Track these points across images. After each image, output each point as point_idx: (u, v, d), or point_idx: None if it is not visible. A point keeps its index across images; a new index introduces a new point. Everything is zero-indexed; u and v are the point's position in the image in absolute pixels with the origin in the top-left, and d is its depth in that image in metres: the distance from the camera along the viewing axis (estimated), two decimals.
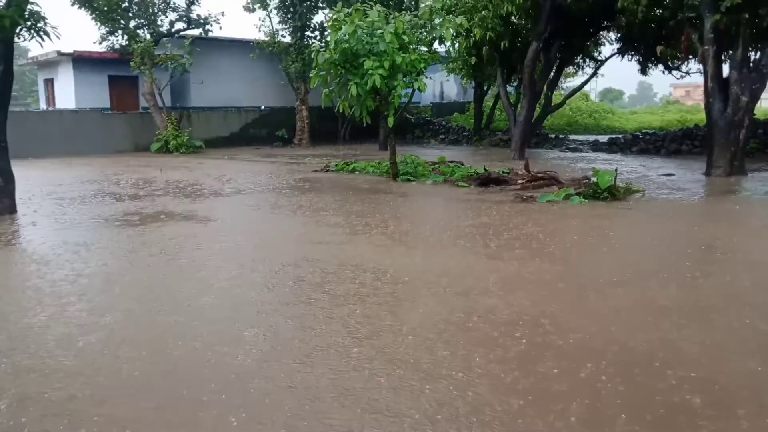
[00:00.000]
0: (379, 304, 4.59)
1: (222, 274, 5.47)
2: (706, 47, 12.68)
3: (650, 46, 18.28)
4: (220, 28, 22.33)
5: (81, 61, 22.65)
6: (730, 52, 12.78)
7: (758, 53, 12.84)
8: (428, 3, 14.41)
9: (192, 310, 4.48)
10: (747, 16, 11.94)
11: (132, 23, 20.70)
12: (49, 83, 25.26)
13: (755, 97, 12.65)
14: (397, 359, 3.54)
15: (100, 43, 21.17)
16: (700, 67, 13.46)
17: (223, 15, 22.16)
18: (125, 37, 20.66)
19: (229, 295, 4.86)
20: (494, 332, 3.99)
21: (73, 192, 11.06)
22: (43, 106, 26.27)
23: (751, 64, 12.61)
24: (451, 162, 14.38)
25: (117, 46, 21.03)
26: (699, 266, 5.75)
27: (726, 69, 12.89)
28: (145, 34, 20.85)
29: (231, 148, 22.29)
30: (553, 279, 5.26)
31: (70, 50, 22.38)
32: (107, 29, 20.63)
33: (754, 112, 13.24)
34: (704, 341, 3.84)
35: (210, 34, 22.12)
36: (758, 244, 6.86)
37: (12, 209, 8.58)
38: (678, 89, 67.44)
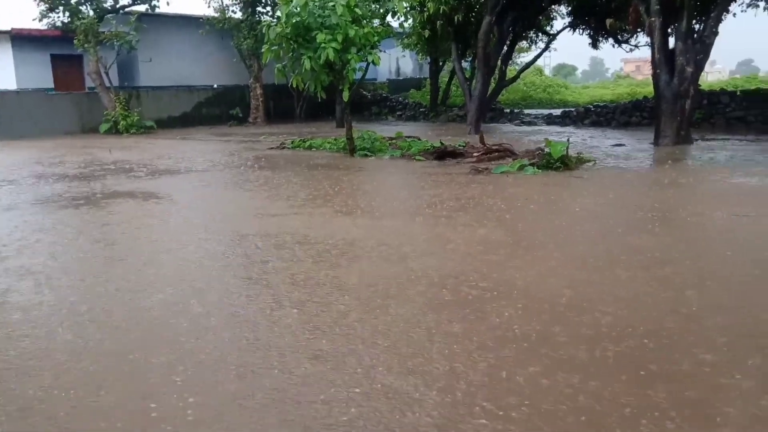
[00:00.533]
0: (319, 264, 4.68)
1: (170, 246, 5.37)
2: (652, 19, 12.95)
3: (600, 20, 18.60)
4: (168, 3, 21.88)
5: (20, 39, 21.65)
6: (676, 24, 13.10)
7: (702, 24, 13.21)
8: None
9: (138, 280, 4.39)
10: None
11: None
12: None
13: (699, 68, 13.03)
14: (327, 302, 3.63)
15: (41, 20, 20.19)
16: (648, 39, 13.77)
17: None
18: (67, 13, 19.78)
19: (175, 265, 4.77)
20: (420, 287, 4.12)
21: (13, 175, 10.62)
22: None
23: (695, 35, 12.97)
24: (408, 137, 14.40)
25: (59, 23, 20.12)
26: (634, 226, 5.95)
27: (672, 41, 13.23)
28: (87, 10, 20.01)
29: (184, 128, 21.77)
30: (495, 241, 5.35)
31: (7, 27, 21.33)
32: (47, 5, 19.68)
33: (699, 82, 13.65)
34: (615, 289, 4.00)
35: (157, 10, 21.36)
36: (696, 206, 7.13)
37: None
38: (629, 64, 68.93)
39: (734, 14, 15.86)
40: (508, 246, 5.30)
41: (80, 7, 19.88)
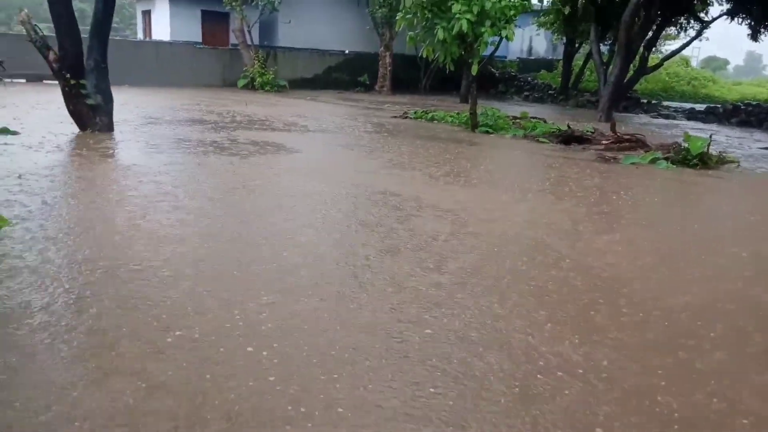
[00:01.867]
0: (398, 216, 4.72)
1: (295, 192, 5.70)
2: None
3: (765, 8, 16.78)
4: None
5: None
6: None
7: None
8: None
9: (265, 220, 4.72)
10: None
11: None
12: (147, 15, 26.23)
13: None
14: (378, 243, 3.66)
15: None
16: None
17: None
18: None
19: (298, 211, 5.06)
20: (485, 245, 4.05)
21: (165, 117, 11.63)
22: (140, 36, 27.39)
23: None
24: (533, 118, 14.01)
25: None
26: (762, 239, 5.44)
27: None
28: None
29: (313, 90, 22.58)
30: (596, 227, 5.13)
31: None
32: None
33: None
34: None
35: None
36: None
37: (110, 127, 9.15)
38: None
39: None
40: (626, 246, 5.08)
41: None
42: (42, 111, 11.36)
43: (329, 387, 2.44)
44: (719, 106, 19.85)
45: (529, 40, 31.52)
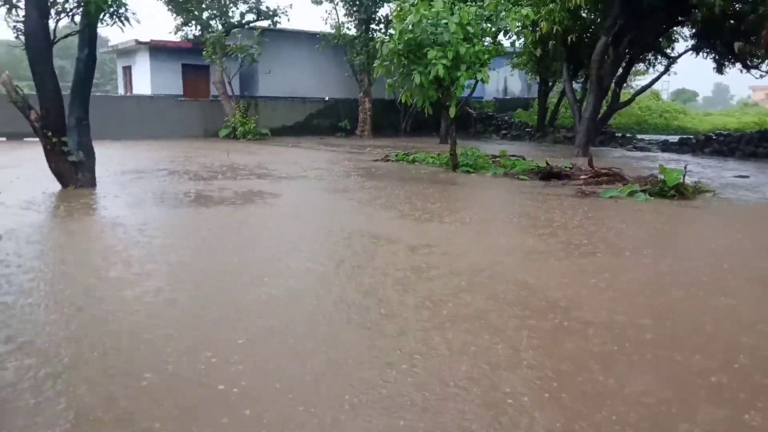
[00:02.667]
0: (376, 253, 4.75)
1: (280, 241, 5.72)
2: None
3: (727, 43, 17.49)
4: (288, 19, 23.02)
5: (157, 49, 23.73)
6: None
7: None
8: None
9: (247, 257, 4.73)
10: None
11: (205, 14, 21.50)
12: (127, 70, 26.55)
13: None
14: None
15: (175, 33, 22.12)
16: None
17: (291, 7, 22.88)
18: (198, 27, 21.51)
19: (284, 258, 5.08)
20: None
21: (147, 170, 11.65)
22: (121, 91, 27.64)
23: None
24: (513, 156, 14.27)
25: (191, 36, 21.91)
26: (746, 266, 5.55)
27: None
28: (217, 24, 21.63)
29: (295, 137, 22.83)
30: (571, 264, 5.20)
31: (147, 39, 23.49)
32: (182, 20, 21.51)
33: None
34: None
35: (278, 25, 22.69)
36: None
37: (92, 183, 9.15)
38: (758, 92, 63.73)
39: None
40: (604, 274, 5.15)
41: (210, 22, 21.53)
42: (24, 169, 11.34)
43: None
44: (692, 137, 20.38)
45: (504, 80, 32.32)
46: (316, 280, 4.69)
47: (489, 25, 12.68)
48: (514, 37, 14.05)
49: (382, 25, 23.06)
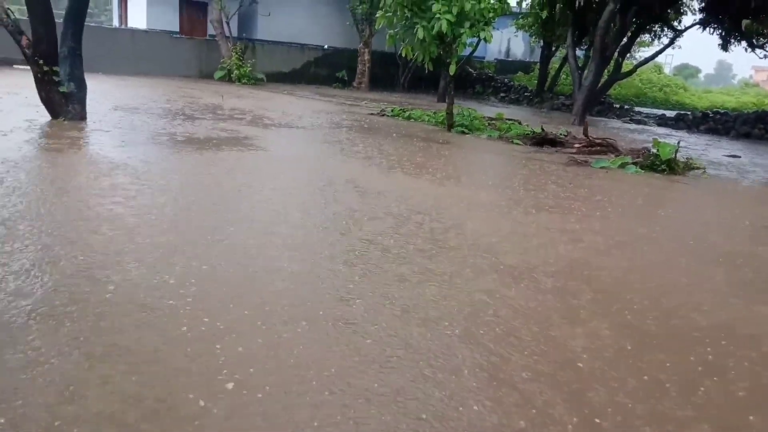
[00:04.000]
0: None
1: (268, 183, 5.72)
2: None
3: (736, 20, 17.27)
4: None
5: None
6: None
7: None
8: None
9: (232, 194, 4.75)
10: None
11: None
12: (123, 2, 25.82)
13: None
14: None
15: None
16: None
17: None
18: None
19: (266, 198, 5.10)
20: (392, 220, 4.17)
21: (139, 108, 11.49)
22: (116, 23, 26.94)
23: None
24: (509, 120, 14.20)
25: None
26: (740, 239, 5.64)
27: None
28: None
29: (291, 84, 22.51)
30: (544, 225, 5.28)
31: None
32: None
33: None
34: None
35: None
36: None
37: (83, 115, 9.03)
38: (760, 73, 63.34)
39: None
40: (574, 235, 5.23)
41: None
42: (13, 96, 11.13)
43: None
44: (689, 113, 20.34)
45: (507, 41, 31.82)
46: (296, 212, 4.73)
47: None
48: None
49: None
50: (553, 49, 24.33)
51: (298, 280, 3.59)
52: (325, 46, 25.08)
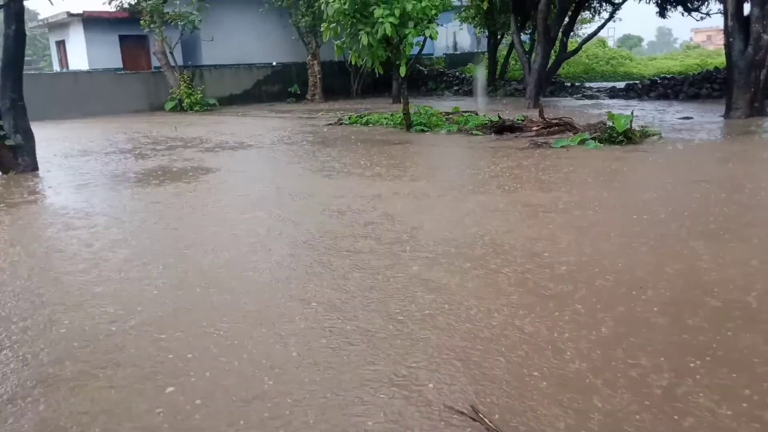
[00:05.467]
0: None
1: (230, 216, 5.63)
2: None
3: None
4: None
5: (91, 21, 22.55)
6: None
7: None
8: None
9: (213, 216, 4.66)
10: None
11: None
12: (61, 45, 25.23)
13: None
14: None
15: (109, 3, 21.06)
16: (721, 6, 13.05)
17: None
18: None
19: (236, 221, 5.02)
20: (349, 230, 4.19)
21: (91, 150, 11.23)
22: (56, 68, 26.32)
23: None
24: (465, 112, 14.29)
25: (126, 5, 20.90)
26: (698, 201, 5.77)
27: (747, 7, 12.50)
28: None
29: (244, 105, 22.30)
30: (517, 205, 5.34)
31: (79, 11, 22.27)
32: None
33: None
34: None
35: None
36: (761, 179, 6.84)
37: (34, 166, 8.79)
38: (699, 34, 65.24)
39: None
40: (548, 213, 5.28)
41: None
42: None
43: None
44: (638, 82, 20.76)
45: (453, 35, 32.07)
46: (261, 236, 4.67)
47: None
48: None
49: None
50: (499, 37, 24.59)
51: (261, 317, 3.52)
52: (274, 63, 24.93)
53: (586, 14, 24.15)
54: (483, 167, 8.12)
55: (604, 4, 22.15)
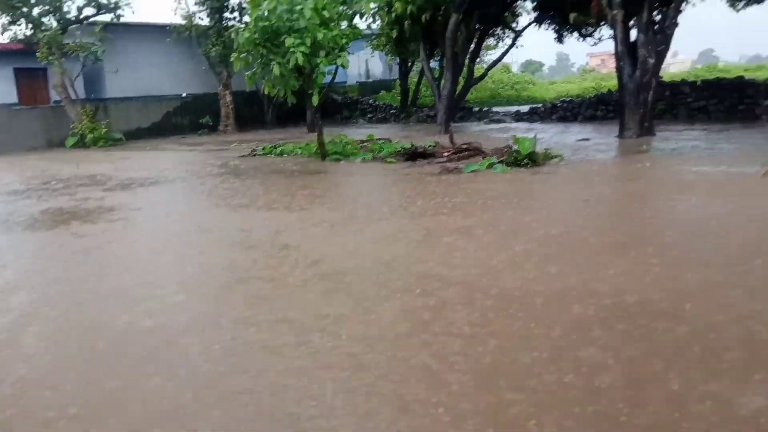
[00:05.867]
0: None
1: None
2: (614, 11, 13.23)
3: (565, 14, 18.88)
4: (133, 12, 21.52)
5: None
6: (637, 16, 13.39)
7: (662, 16, 13.53)
8: None
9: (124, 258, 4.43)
10: None
11: (36, 10, 19.41)
12: None
13: (660, 59, 13.38)
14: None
15: (2, 34, 19.86)
16: (611, 32, 14.03)
17: None
18: (29, 25, 19.43)
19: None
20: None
21: None
22: None
23: (656, 27, 13.30)
24: (379, 139, 14.50)
25: (21, 36, 19.77)
26: (594, 217, 6.15)
27: (634, 33, 13.53)
28: (51, 21, 19.67)
29: (154, 139, 21.55)
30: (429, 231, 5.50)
31: None
32: (9, 18, 19.32)
33: (661, 74, 14.00)
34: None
35: (122, 19, 21.09)
36: (653, 197, 7.38)
37: None
38: (594, 58, 69.95)
39: (693, 4, 16.33)
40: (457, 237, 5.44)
41: (43, 19, 19.51)
42: None
43: None
44: (540, 105, 21.89)
45: (366, 63, 32.63)
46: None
47: (344, 8, 12.70)
48: (371, 20, 14.18)
49: (236, 13, 22.29)
50: (410, 64, 25.26)
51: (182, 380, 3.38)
52: (184, 94, 24.31)
53: (491, 41, 25.31)
54: (395, 194, 8.27)
55: (506, 31, 23.31)
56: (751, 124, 14.81)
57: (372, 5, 12.44)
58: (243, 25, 14.63)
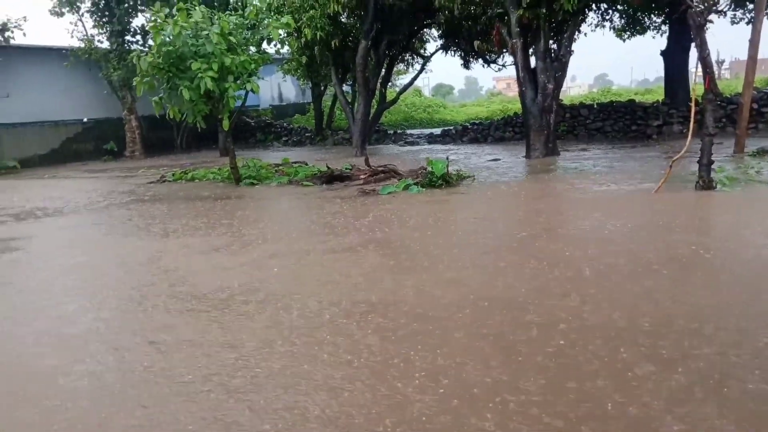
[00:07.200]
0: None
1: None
2: (514, 40, 13.92)
3: (469, 42, 19.67)
4: (24, 34, 20.26)
5: None
6: (535, 45, 14.16)
7: (558, 44, 14.39)
8: (255, 3, 14.26)
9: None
10: (545, 10, 13.28)
11: None
12: None
13: (559, 84, 14.18)
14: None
15: None
16: (513, 59, 14.74)
17: (25, 20, 20.03)
18: None
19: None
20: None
21: None
22: None
23: (553, 55, 14.10)
24: (295, 163, 14.37)
25: None
26: (509, 234, 6.36)
27: (534, 60, 14.28)
28: None
29: (53, 167, 20.26)
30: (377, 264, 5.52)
31: None
32: None
33: (561, 98, 14.82)
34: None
35: (12, 41, 19.84)
36: (561, 213, 7.75)
37: None
38: (500, 82, 73.27)
39: (585, 34, 17.49)
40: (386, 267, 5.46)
41: None
42: None
43: None
44: (452, 128, 22.57)
45: (278, 86, 32.38)
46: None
47: (252, 33, 12.57)
48: (279, 45, 14.10)
49: (138, 37, 21.49)
50: (323, 88, 25.32)
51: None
52: (85, 119, 23.03)
53: (401, 66, 25.88)
54: (308, 219, 8.18)
55: (415, 57, 23.95)
56: (643, 143, 15.97)
57: (279, 32, 12.35)
58: (146, 49, 14.12)
